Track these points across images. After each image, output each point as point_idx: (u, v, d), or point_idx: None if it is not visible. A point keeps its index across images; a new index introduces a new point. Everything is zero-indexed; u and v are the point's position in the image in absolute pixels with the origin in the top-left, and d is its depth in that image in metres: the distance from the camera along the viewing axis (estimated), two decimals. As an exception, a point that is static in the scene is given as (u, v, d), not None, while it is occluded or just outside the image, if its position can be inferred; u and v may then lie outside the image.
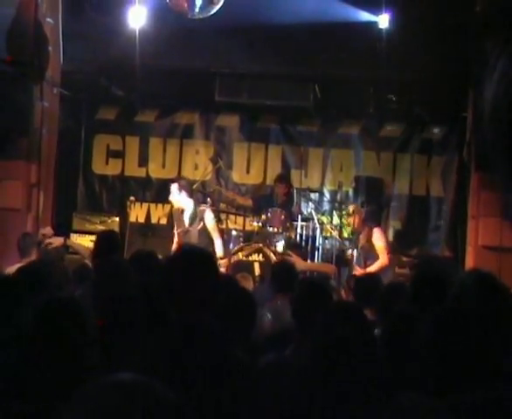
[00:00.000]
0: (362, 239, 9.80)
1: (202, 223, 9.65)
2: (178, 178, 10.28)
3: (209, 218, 9.71)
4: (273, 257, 10.02)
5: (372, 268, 9.25)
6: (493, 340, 2.20)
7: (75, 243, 8.93)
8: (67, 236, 9.20)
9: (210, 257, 3.60)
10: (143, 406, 1.58)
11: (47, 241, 7.97)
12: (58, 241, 8.06)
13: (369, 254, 9.59)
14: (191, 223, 9.66)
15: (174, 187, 9.74)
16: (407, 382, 2.85)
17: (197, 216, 9.71)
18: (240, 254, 10.18)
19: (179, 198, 9.72)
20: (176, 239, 9.81)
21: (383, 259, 9.39)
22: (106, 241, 6.09)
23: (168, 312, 3.13)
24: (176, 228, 9.84)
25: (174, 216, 10.22)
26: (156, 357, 2.55)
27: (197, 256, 3.49)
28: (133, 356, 2.92)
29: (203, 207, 9.91)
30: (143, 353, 2.77)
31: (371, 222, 9.77)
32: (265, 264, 9.87)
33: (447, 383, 2.14)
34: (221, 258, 9.45)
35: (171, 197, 9.80)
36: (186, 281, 3.28)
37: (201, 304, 3.22)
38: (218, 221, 10.94)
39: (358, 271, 9.36)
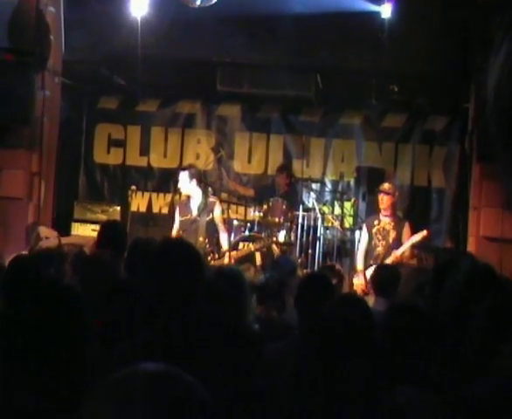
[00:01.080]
0: (389, 226, 9.71)
1: (211, 215, 9.69)
2: (189, 166, 10.24)
3: (218, 211, 9.78)
4: (275, 248, 10.04)
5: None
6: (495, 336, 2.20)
7: (70, 238, 8.95)
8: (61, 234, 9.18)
9: (195, 250, 3.57)
10: (172, 396, 1.57)
11: (42, 242, 7.97)
12: (53, 238, 8.06)
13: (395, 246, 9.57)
14: (200, 214, 9.67)
15: (184, 174, 9.74)
16: (409, 375, 2.85)
17: (206, 207, 9.73)
18: (242, 245, 10.20)
19: (189, 186, 9.72)
20: (176, 227, 9.81)
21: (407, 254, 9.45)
22: (110, 231, 6.03)
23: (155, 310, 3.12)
24: (178, 216, 9.84)
25: (178, 204, 10.22)
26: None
27: (183, 250, 3.46)
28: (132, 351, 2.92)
29: (212, 199, 9.95)
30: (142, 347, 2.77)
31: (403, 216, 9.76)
32: (266, 254, 9.89)
33: (449, 378, 2.14)
34: (226, 251, 9.51)
35: (181, 185, 9.79)
36: (171, 276, 3.24)
37: (186, 299, 3.19)
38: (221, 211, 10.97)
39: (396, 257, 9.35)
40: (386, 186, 9.89)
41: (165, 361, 1.66)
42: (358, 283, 9.52)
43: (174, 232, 9.80)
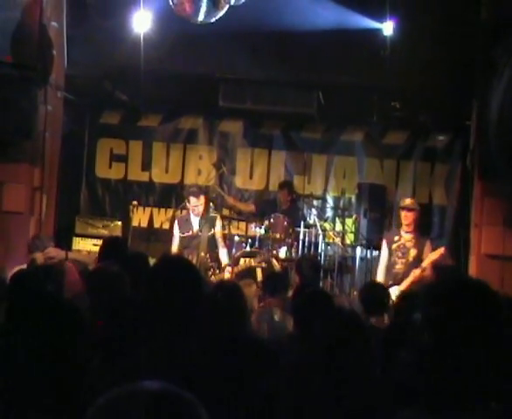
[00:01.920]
0: (410, 244, 9.36)
1: (212, 230, 9.72)
2: (195, 192, 10.22)
3: (219, 226, 9.84)
4: (276, 264, 10.03)
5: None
6: (492, 357, 2.17)
7: (76, 255, 8.96)
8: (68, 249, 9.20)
9: (193, 267, 3.57)
10: (172, 414, 1.57)
11: (48, 256, 7.96)
12: (60, 255, 8.05)
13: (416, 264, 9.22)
14: (201, 229, 9.70)
15: (197, 201, 9.79)
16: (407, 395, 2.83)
17: (207, 222, 9.77)
18: (243, 261, 10.19)
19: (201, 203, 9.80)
20: (176, 242, 9.82)
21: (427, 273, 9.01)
22: (111, 246, 6.04)
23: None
24: (178, 232, 9.86)
25: (177, 219, 10.23)
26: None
27: (182, 266, 3.46)
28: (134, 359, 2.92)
29: (213, 214, 9.98)
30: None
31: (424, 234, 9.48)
32: (267, 270, 9.88)
33: (444, 400, 2.12)
34: (227, 266, 9.53)
35: (200, 208, 9.82)
36: (170, 292, 3.24)
37: (184, 315, 3.18)
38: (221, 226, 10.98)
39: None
40: (409, 202, 9.60)
41: (167, 376, 1.66)
42: None
43: (174, 248, 9.80)
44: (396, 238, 9.44)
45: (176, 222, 10.17)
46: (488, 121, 8.82)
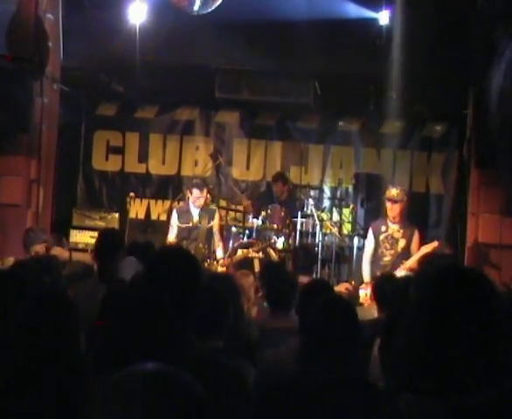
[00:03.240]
0: (398, 234, 9.20)
1: (211, 222, 9.75)
2: (199, 184, 10.20)
3: (217, 219, 9.85)
4: (274, 255, 10.05)
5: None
6: (492, 339, 2.18)
7: (80, 256, 8.97)
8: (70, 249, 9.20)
9: (194, 257, 3.57)
10: (171, 393, 1.62)
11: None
12: (64, 255, 8.04)
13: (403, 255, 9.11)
14: (201, 220, 9.72)
15: (200, 194, 9.78)
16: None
17: (207, 214, 9.79)
18: (240, 251, 10.20)
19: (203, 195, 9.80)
20: (174, 233, 9.80)
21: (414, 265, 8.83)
22: (108, 239, 6.02)
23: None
24: (177, 222, 9.84)
25: (176, 209, 10.21)
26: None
27: (182, 257, 3.46)
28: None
29: (212, 206, 10.03)
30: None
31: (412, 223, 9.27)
32: (264, 261, 9.88)
33: (447, 384, 2.13)
34: (221, 259, 9.55)
35: (201, 200, 9.80)
36: (169, 283, 3.24)
37: (183, 307, 3.19)
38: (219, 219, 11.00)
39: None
40: (394, 192, 9.29)
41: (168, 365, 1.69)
42: (365, 296, 8.22)
43: (171, 238, 9.80)
44: (383, 229, 9.27)
45: (174, 212, 10.14)
46: (487, 106, 8.80)
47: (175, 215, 10.01)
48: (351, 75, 11.30)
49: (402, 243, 9.19)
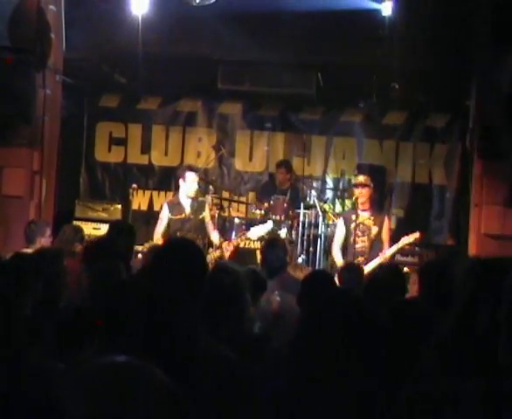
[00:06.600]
0: (370, 222, 9.23)
1: (203, 213, 9.70)
2: (192, 166, 10.19)
3: (207, 209, 9.82)
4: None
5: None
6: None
7: None
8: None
9: (200, 248, 3.57)
10: (137, 386, 1.67)
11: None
12: None
13: (377, 242, 9.21)
14: (193, 212, 9.68)
15: (194, 175, 9.69)
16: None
17: (199, 206, 9.75)
18: (243, 243, 10.18)
19: (196, 187, 9.73)
20: (164, 225, 9.70)
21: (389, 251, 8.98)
22: (119, 230, 6.00)
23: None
24: (169, 214, 9.72)
25: (167, 202, 10.07)
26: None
27: (187, 248, 3.46)
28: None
29: (202, 198, 10.00)
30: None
31: (381, 209, 9.42)
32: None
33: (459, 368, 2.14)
34: (218, 245, 9.50)
35: (192, 186, 9.71)
36: (177, 273, 3.24)
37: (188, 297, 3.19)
38: (221, 209, 10.98)
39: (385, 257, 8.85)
40: (362, 178, 9.43)
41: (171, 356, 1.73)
42: None
43: (158, 233, 9.67)
44: (353, 217, 9.29)
45: (165, 205, 9.93)
46: (493, 93, 8.75)
47: (166, 208, 9.81)
48: (354, 66, 11.28)
49: (375, 230, 9.25)
